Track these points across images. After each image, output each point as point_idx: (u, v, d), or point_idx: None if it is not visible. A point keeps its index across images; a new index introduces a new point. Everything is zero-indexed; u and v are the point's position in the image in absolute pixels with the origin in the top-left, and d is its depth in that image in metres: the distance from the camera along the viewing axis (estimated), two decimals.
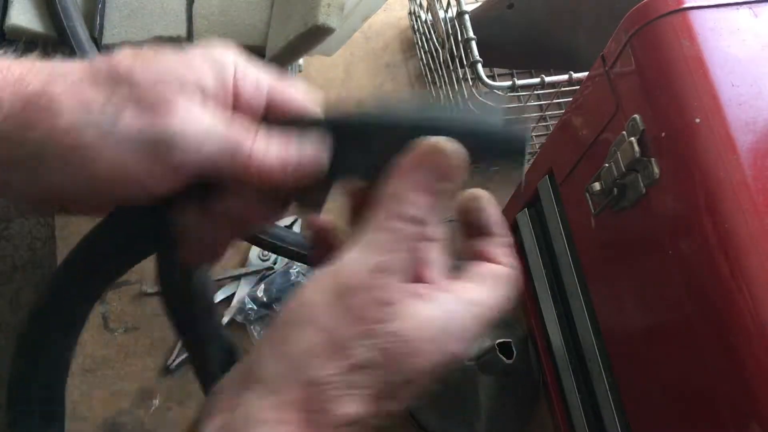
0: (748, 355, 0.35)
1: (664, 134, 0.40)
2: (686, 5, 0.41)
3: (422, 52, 0.80)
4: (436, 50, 0.73)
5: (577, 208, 0.53)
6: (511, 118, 0.30)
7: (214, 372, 0.38)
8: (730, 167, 0.37)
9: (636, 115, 0.42)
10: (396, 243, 0.28)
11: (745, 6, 0.42)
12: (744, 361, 0.35)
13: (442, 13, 0.69)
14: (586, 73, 0.50)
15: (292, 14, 0.58)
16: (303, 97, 0.33)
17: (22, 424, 0.34)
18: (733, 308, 0.36)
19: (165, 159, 0.29)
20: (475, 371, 0.60)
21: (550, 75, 0.59)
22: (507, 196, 0.72)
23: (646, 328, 0.45)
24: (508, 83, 0.58)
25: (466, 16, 0.61)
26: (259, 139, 0.30)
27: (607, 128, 0.46)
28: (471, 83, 0.63)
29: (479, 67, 0.59)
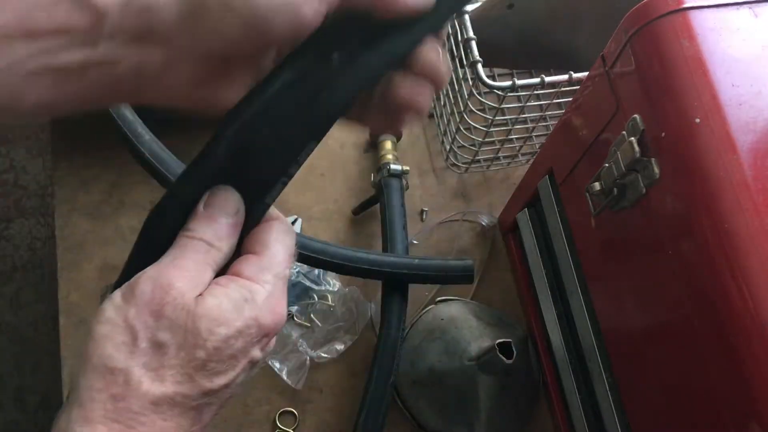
0: (748, 355, 0.35)
1: (664, 134, 0.40)
2: (686, 5, 0.41)
3: None
4: None
5: (577, 208, 0.53)
6: None
7: None
8: (730, 167, 0.37)
9: (636, 115, 0.42)
10: (186, 254, 0.32)
11: (745, 6, 0.42)
12: (744, 361, 0.35)
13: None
14: (586, 73, 0.50)
15: None
16: None
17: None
18: (733, 308, 0.36)
19: None
20: (475, 371, 0.60)
21: (550, 75, 0.59)
22: (507, 196, 0.72)
23: (646, 328, 0.45)
24: (508, 83, 0.58)
25: (466, 16, 0.61)
26: None
27: (607, 128, 0.46)
28: (471, 83, 0.63)
29: (479, 67, 0.59)
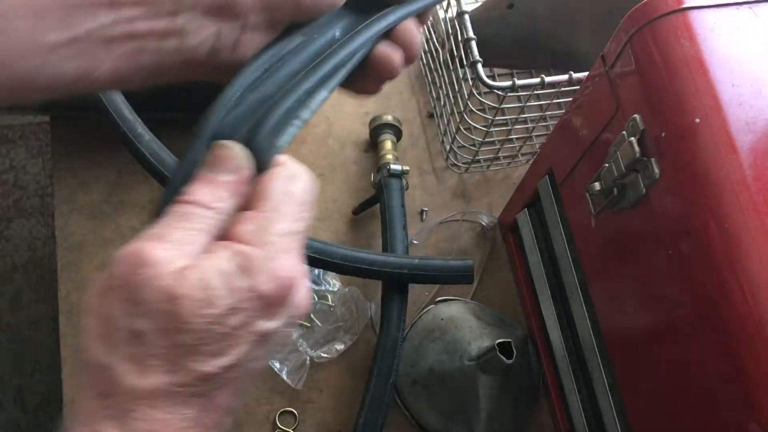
0: (748, 355, 0.35)
1: (664, 134, 0.40)
2: (686, 5, 0.41)
3: (422, 52, 0.80)
4: (436, 50, 0.73)
5: (577, 208, 0.53)
6: None
7: None
8: (730, 167, 0.37)
9: (636, 115, 0.42)
10: (170, 221, 0.28)
11: (745, 6, 0.42)
12: (744, 361, 0.35)
13: (442, 13, 0.69)
14: (586, 73, 0.50)
15: None
16: None
17: None
18: (733, 308, 0.36)
19: None
20: (475, 371, 0.60)
21: (550, 75, 0.59)
22: (507, 196, 0.72)
23: (646, 328, 0.45)
24: (508, 83, 0.58)
25: (466, 16, 0.61)
26: None
27: (607, 128, 0.46)
28: (471, 83, 0.63)
29: (479, 67, 0.59)
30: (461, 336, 0.63)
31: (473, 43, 0.60)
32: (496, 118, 0.64)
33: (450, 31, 0.65)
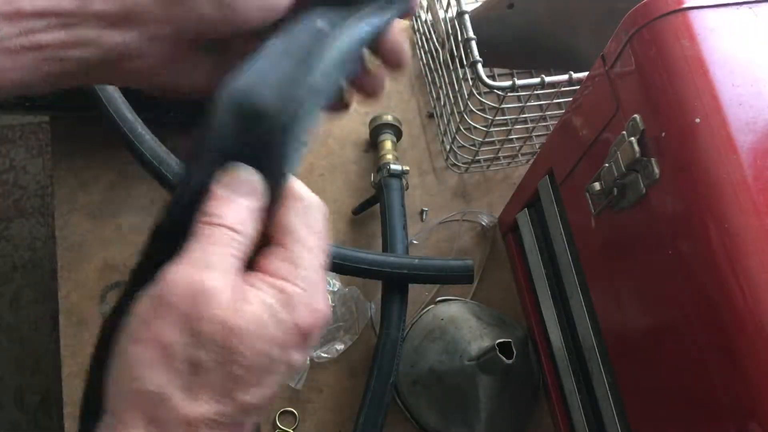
0: (748, 355, 0.35)
1: (664, 134, 0.40)
2: (686, 5, 0.41)
3: (422, 52, 0.80)
4: (436, 50, 0.73)
5: (577, 208, 0.53)
6: None
7: None
8: (730, 167, 0.37)
9: (636, 115, 0.42)
10: (210, 245, 0.28)
11: (745, 6, 0.42)
12: (744, 361, 0.35)
13: (442, 13, 0.69)
14: (586, 73, 0.50)
15: None
16: None
17: None
18: (733, 308, 0.36)
19: None
20: (475, 371, 0.60)
21: (550, 75, 0.59)
22: (507, 196, 0.72)
23: (646, 328, 0.45)
24: (508, 83, 0.58)
25: (466, 16, 0.61)
26: None
27: (607, 128, 0.46)
28: (471, 83, 0.63)
29: (479, 67, 0.59)
30: (461, 336, 0.63)
31: (473, 43, 0.60)
32: (496, 118, 0.64)
33: (450, 31, 0.65)
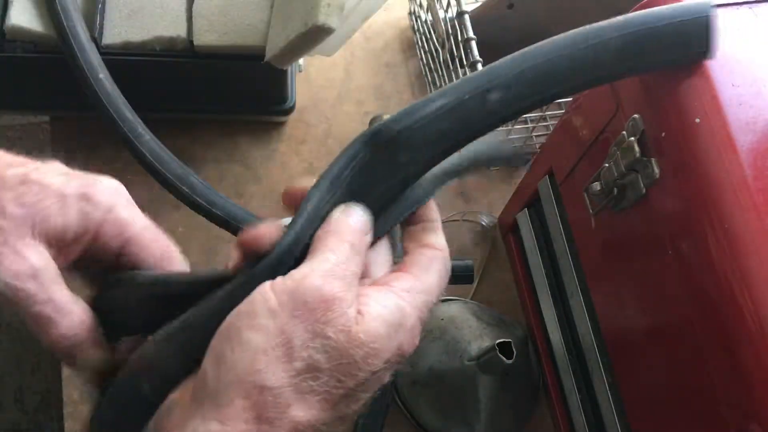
0: (748, 355, 0.35)
1: (664, 134, 0.40)
2: None
3: (422, 52, 0.80)
4: (436, 50, 0.73)
5: (577, 208, 0.53)
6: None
7: None
8: (730, 167, 0.37)
9: (636, 115, 0.42)
10: (341, 258, 0.30)
11: (745, 6, 0.42)
12: (744, 361, 0.35)
13: (442, 13, 0.69)
14: None
15: (292, 14, 0.58)
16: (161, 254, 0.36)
17: None
18: (733, 308, 0.36)
19: None
20: (475, 371, 0.60)
21: None
22: (507, 196, 0.72)
23: (646, 328, 0.45)
24: None
25: (466, 16, 0.61)
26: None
27: (607, 128, 0.46)
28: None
29: (479, 67, 0.59)
30: (461, 336, 0.63)
31: (473, 43, 0.60)
32: None
33: (450, 31, 0.65)
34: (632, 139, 0.42)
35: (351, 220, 0.32)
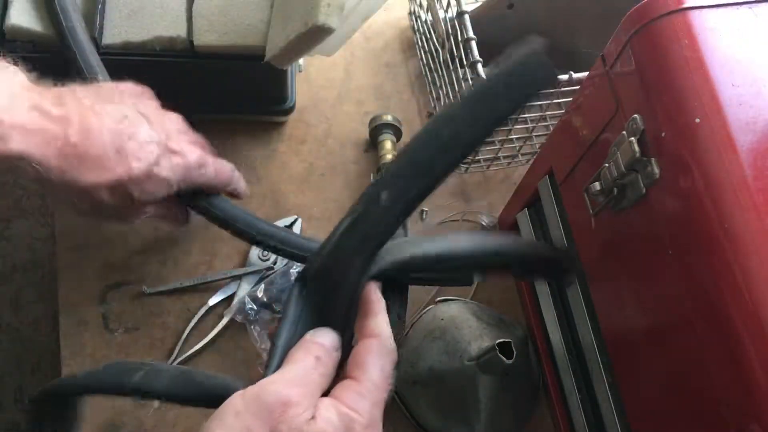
0: (748, 355, 0.35)
1: (664, 134, 0.40)
2: (686, 5, 0.41)
3: (422, 52, 0.80)
4: (436, 50, 0.73)
5: (577, 208, 0.53)
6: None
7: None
8: (730, 167, 0.37)
9: (636, 115, 0.42)
10: (304, 369, 0.36)
11: (745, 6, 0.42)
12: (744, 361, 0.35)
13: (442, 13, 0.69)
14: (586, 73, 0.50)
15: (292, 14, 0.58)
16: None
17: None
18: (734, 308, 0.36)
19: None
20: (475, 371, 0.60)
21: None
22: (507, 196, 0.72)
23: (646, 328, 0.45)
24: None
25: (466, 16, 0.61)
26: None
27: (607, 128, 0.46)
28: (471, 83, 0.63)
29: (479, 67, 0.59)
30: (461, 336, 0.63)
31: (473, 43, 0.60)
32: None
33: (450, 31, 0.65)
34: (632, 139, 0.42)
35: (317, 338, 0.38)
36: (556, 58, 0.76)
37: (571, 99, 0.54)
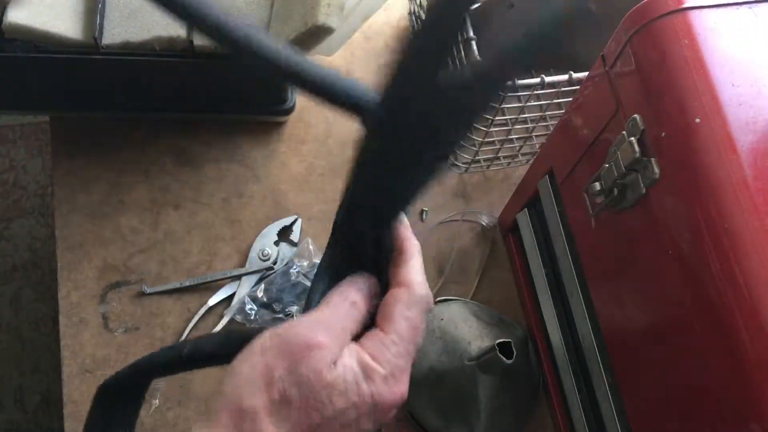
0: (748, 355, 0.35)
1: (664, 134, 0.40)
2: (686, 5, 0.41)
3: None
4: None
5: (577, 208, 0.53)
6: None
7: None
8: (730, 167, 0.37)
9: (636, 115, 0.42)
10: (336, 313, 0.35)
11: (745, 6, 0.42)
12: (744, 361, 0.35)
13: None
14: (586, 73, 0.50)
15: (292, 14, 0.58)
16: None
17: None
18: (733, 308, 0.36)
19: None
20: (475, 371, 0.60)
21: (550, 75, 0.59)
22: (507, 196, 0.72)
23: (647, 328, 0.45)
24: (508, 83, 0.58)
25: (466, 16, 0.61)
26: None
27: (607, 128, 0.46)
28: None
29: None
30: (461, 336, 0.63)
31: (473, 43, 0.60)
32: (496, 118, 0.64)
33: None
34: (632, 139, 0.42)
35: (355, 284, 0.37)
36: (556, 58, 0.76)
37: (571, 99, 0.54)
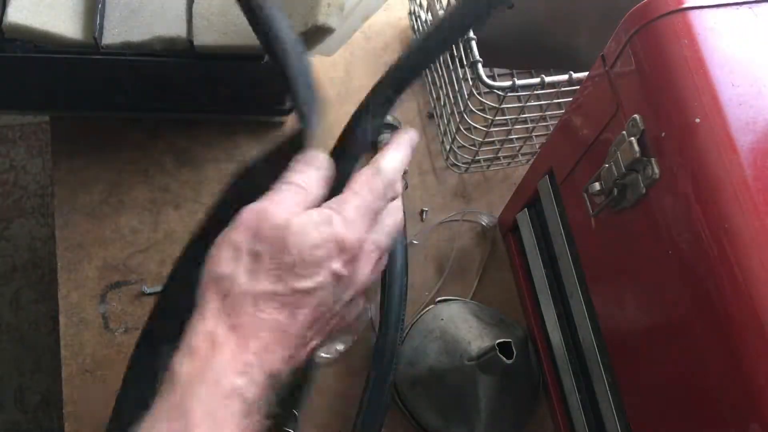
0: (748, 355, 0.35)
1: (664, 134, 0.40)
2: (686, 5, 0.41)
3: None
4: None
5: (577, 208, 0.53)
6: None
7: None
8: (730, 167, 0.37)
9: (636, 115, 0.42)
10: (284, 194, 0.39)
11: (745, 6, 0.42)
12: (744, 361, 0.35)
13: (442, 13, 0.69)
14: (586, 73, 0.50)
15: (292, 14, 0.58)
16: None
17: None
18: (733, 308, 0.36)
19: None
20: (475, 371, 0.60)
21: (550, 75, 0.59)
22: (507, 196, 0.72)
23: (646, 328, 0.45)
24: (508, 83, 0.58)
25: None
26: None
27: (607, 128, 0.46)
28: (471, 83, 0.63)
29: (479, 67, 0.59)
30: (461, 336, 0.63)
31: (473, 43, 0.60)
32: (496, 118, 0.64)
33: None
34: (632, 139, 0.42)
35: (303, 167, 0.40)
36: (556, 58, 0.76)
37: (571, 99, 0.54)
